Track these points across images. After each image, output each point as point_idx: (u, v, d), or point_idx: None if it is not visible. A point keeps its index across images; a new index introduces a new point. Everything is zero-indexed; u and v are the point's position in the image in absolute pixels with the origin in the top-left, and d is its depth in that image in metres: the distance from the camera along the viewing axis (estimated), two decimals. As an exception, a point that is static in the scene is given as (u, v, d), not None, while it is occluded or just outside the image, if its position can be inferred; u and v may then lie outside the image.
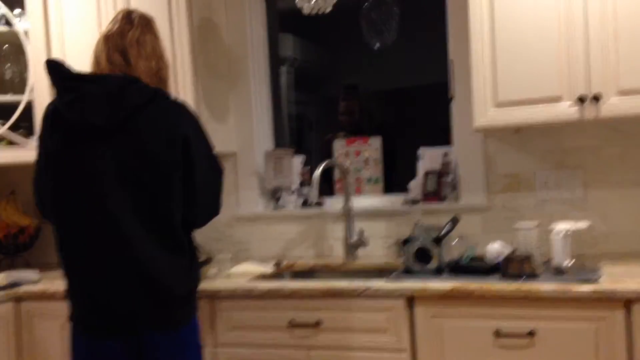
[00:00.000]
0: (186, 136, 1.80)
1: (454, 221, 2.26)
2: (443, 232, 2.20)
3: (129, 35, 1.86)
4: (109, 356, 1.79)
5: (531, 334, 1.87)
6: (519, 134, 2.45)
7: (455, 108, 2.59)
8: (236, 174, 2.91)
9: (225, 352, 2.23)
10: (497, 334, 1.91)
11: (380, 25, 3.21)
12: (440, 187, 2.60)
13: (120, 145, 1.76)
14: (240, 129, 2.91)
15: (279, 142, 3.05)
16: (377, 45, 3.22)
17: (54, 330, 2.40)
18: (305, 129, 3.86)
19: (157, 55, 1.90)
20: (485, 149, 2.53)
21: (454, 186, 2.62)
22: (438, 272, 2.12)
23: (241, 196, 2.91)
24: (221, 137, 2.81)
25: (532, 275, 1.96)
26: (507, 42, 2.15)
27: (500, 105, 2.18)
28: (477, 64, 2.20)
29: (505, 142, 2.50)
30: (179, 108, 1.86)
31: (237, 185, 2.91)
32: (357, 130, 2.99)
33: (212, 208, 1.94)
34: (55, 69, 1.82)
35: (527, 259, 1.99)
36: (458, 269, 2.12)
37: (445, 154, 2.65)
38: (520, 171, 2.48)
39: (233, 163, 2.91)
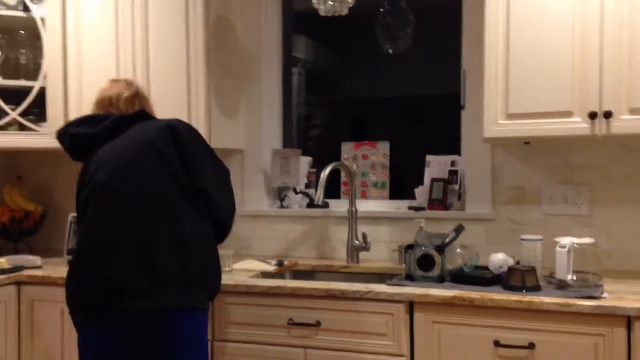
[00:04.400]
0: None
1: (459, 230, 2.26)
2: (447, 240, 2.20)
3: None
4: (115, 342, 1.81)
5: (531, 346, 1.87)
6: (527, 146, 2.46)
7: (465, 118, 2.59)
8: (243, 171, 2.92)
9: (223, 346, 2.23)
10: (497, 344, 1.90)
11: (395, 32, 3.22)
12: (446, 195, 2.61)
13: None
14: (250, 126, 2.92)
15: (286, 143, 3.06)
16: (391, 51, 3.23)
17: (54, 315, 2.41)
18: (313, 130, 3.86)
19: None
20: (492, 160, 2.53)
21: (460, 195, 2.62)
22: (440, 279, 2.12)
23: (246, 193, 2.92)
24: (230, 133, 2.83)
25: (534, 288, 1.96)
26: (521, 55, 2.16)
27: (511, 117, 2.19)
28: (489, 75, 2.21)
29: (513, 154, 2.51)
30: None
31: (243, 183, 2.92)
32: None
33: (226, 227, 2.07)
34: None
35: (530, 271, 1.99)
36: (460, 277, 2.12)
37: (453, 163, 2.65)
38: (526, 184, 2.49)
39: (240, 160, 2.92)
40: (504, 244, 2.42)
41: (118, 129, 1.94)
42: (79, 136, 1.98)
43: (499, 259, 2.10)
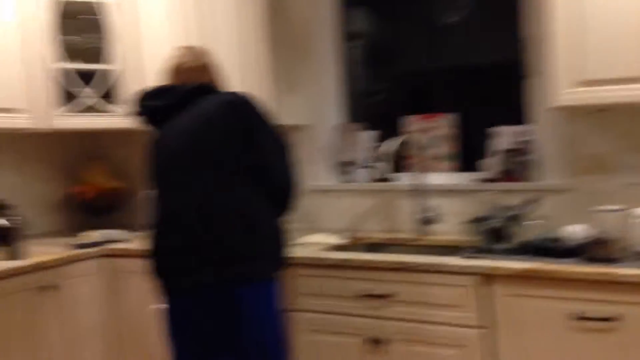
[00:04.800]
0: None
1: (531, 201, 2.22)
2: (519, 211, 2.17)
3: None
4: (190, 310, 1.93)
5: (612, 318, 1.84)
6: (602, 113, 2.37)
7: (535, 86, 2.53)
8: (307, 147, 2.95)
9: (294, 316, 2.30)
10: (576, 316, 1.88)
11: (453, 0, 3.14)
12: (517, 166, 2.56)
13: None
14: (312, 102, 2.94)
15: (349, 117, 3.06)
16: (450, 19, 3.16)
17: (140, 286, 2.53)
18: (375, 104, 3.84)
19: None
20: (565, 129, 2.46)
21: (531, 166, 2.57)
22: (512, 251, 2.10)
23: (312, 169, 2.94)
24: (292, 109, 2.85)
25: (614, 259, 1.91)
26: (595, 18, 2.07)
27: (584, 83, 2.11)
28: (561, 41, 2.13)
29: (586, 122, 2.43)
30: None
31: (308, 158, 2.94)
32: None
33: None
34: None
35: (608, 242, 1.94)
36: (533, 249, 2.09)
37: (522, 133, 2.60)
38: (602, 153, 2.41)
39: (304, 136, 2.95)
40: (578, 215, 2.35)
41: (184, 101, 2.01)
42: (148, 108, 2.07)
43: (575, 231, 2.06)
